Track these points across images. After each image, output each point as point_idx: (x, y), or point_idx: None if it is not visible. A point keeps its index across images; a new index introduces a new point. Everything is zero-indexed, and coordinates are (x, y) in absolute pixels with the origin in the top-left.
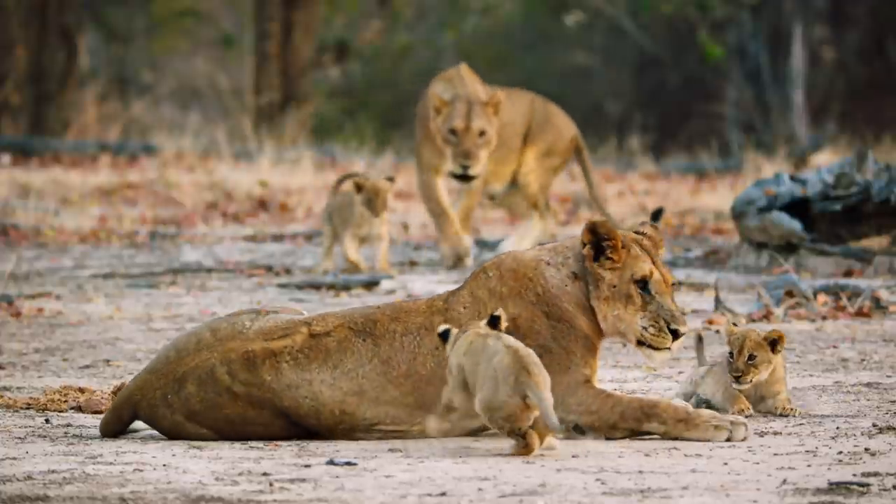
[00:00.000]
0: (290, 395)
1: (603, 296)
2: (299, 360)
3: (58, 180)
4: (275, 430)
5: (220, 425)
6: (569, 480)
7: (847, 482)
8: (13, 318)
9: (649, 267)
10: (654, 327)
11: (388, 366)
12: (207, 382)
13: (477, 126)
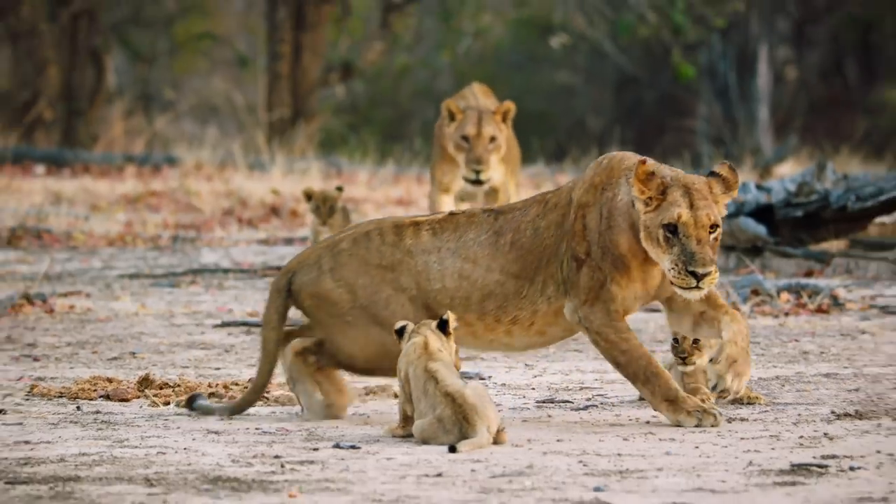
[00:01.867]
0: (422, 259)
1: (643, 235)
2: (435, 230)
3: (87, 189)
4: (401, 301)
5: (354, 283)
6: (554, 463)
7: (807, 464)
8: (47, 314)
9: (678, 211)
10: (675, 269)
11: (498, 234)
12: (360, 240)
13: (487, 133)
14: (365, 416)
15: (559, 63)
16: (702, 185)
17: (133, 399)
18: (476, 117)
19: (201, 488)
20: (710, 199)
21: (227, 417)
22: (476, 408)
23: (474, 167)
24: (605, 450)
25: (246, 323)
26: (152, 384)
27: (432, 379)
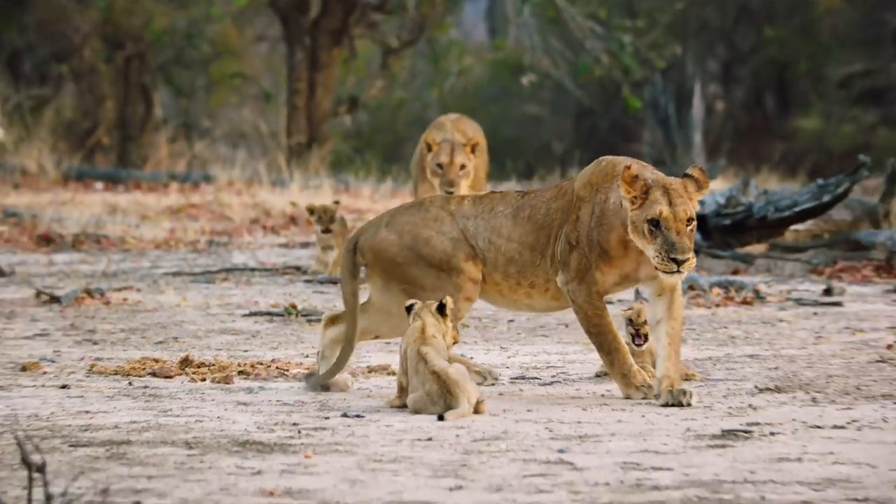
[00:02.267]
0: (462, 224)
1: (630, 228)
2: (475, 201)
3: (138, 202)
4: (442, 241)
5: (403, 230)
6: (524, 429)
7: (735, 430)
8: (104, 305)
9: (660, 208)
10: (659, 257)
11: (519, 209)
12: (414, 205)
13: (458, 161)
14: (368, 390)
15: (528, 97)
16: (678, 185)
17: (175, 376)
18: (449, 148)
19: (232, 450)
20: (686, 197)
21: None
22: (458, 383)
23: (447, 189)
24: (567, 418)
25: (269, 313)
26: (191, 364)
27: (423, 360)
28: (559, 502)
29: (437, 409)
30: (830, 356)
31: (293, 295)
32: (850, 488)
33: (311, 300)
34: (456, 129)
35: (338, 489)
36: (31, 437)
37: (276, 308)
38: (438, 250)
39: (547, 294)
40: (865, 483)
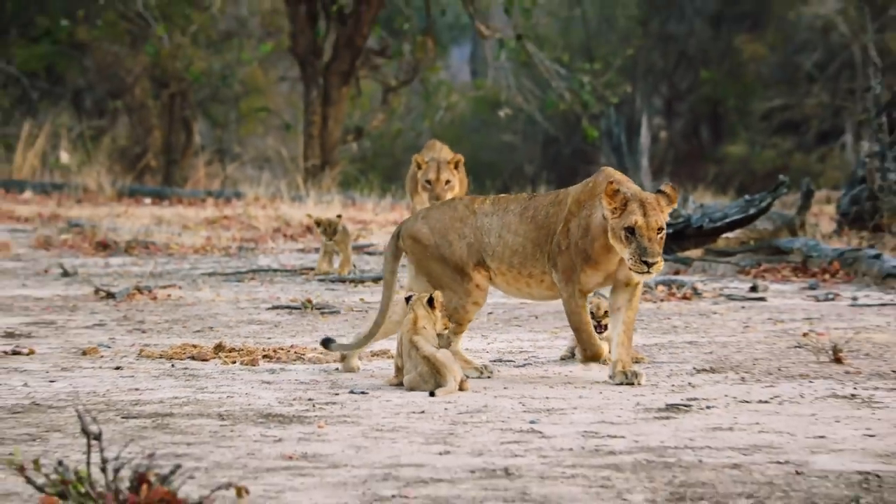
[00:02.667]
0: (481, 219)
1: (610, 234)
2: (494, 201)
3: (180, 214)
4: (461, 245)
5: (434, 226)
6: (501, 403)
7: (677, 404)
8: (151, 300)
9: (635, 218)
10: (633, 259)
11: (526, 209)
12: (447, 203)
13: (444, 177)
14: (371, 371)
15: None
16: (652, 199)
17: (210, 359)
18: (436, 166)
19: (257, 421)
20: (658, 210)
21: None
22: (446, 365)
23: (435, 202)
24: (537, 395)
25: (289, 306)
26: (224, 349)
27: (414, 347)
28: (530, 465)
29: (428, 387)
30: (756, 342)
31: (309, 291)
32: (773, 453)
33: (324, 296)
34: (442, 149)
35: (345, 454)
36: (89, 411)
37: (294, 302)
38: (456, 255)
39: (542, 284)
40: (786, 448)
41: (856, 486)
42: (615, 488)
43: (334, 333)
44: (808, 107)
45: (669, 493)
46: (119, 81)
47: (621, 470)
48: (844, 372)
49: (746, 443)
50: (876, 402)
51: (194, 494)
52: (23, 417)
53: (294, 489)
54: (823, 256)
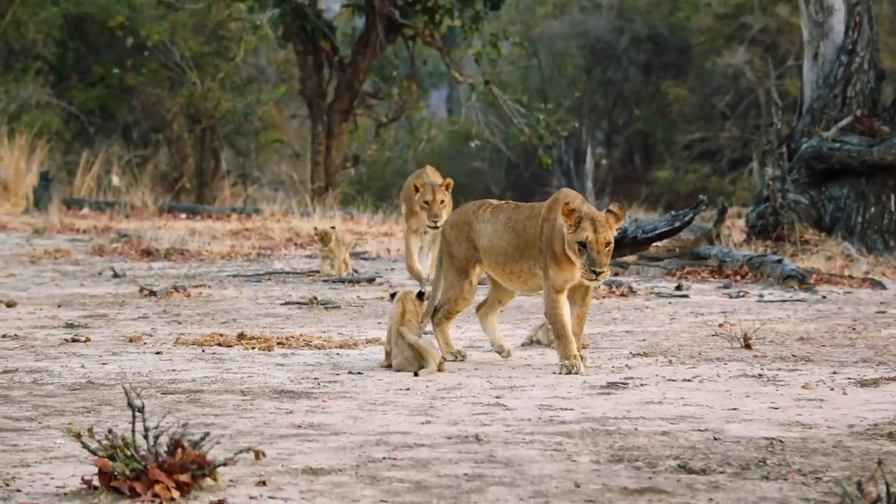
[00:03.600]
0: (481, 225)
1: (567, 246)
2: (493, 209)
3: (210, 227)
4: (465, 246)
5: (449, 230)
6: (473, 382)
7: (616, 382)
8: (186, 297)
9: (586, 234)
10: (584, 269)
11: (511, 220)
12: (463, 207)
13: (439, 198)
14: (366, 355)
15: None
16: (602, 217)
17: (234, 346)
18: (431, 189)
19: (272, 396)
20: (607, 227)
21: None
22: (427, 350)
23: (434, 219)
24: (502, 375)
25: (298, 302)
26: (245, 337)
27: (401, 336)
28: (496, 432)
29: (412, 368)
30: (680, 332)
31: (315, 290)
32: (695, 422)
33: (327, 294)
34: (433, 174)
35: (344, 423)
36: (134, 388)
37: (303, 299)
38: (462, 254)
39: (520, 279)
40: (705, 418)
41: (763, 450)
42: (566, 451)
43: (335, 325)
44: (722, 139)
45: (611, 455)
46: (160, 118)
47: (571, 436)
48: (753, 356)
49: (673, 414)
50: (779, 380)
51: (220, 457)
52: (80, 393)
53: (302, 452)
54: (735, 261)
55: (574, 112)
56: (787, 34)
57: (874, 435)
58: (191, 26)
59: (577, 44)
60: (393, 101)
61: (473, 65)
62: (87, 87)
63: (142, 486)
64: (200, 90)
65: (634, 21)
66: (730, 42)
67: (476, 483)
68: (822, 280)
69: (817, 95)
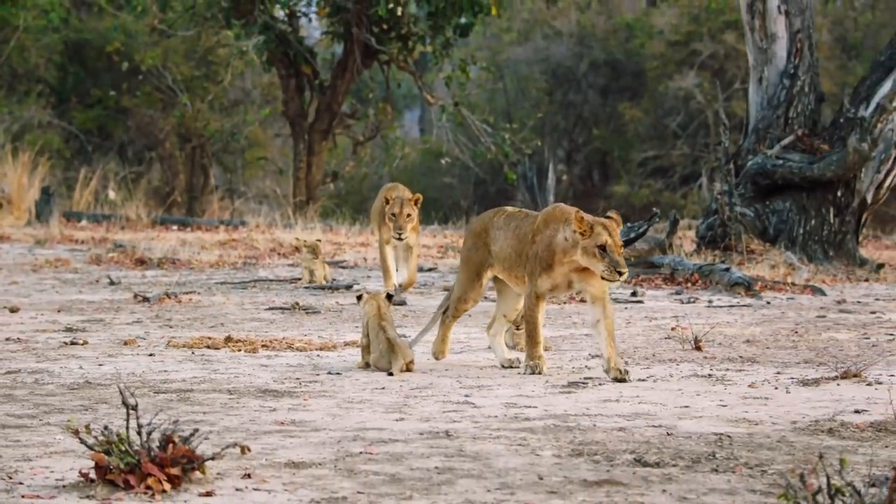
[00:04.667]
0: (494, 231)
1: (581, 252)
2: (507, 216)
3: (199, 237)
4: (481, 251)
5: (468, 236)
6: (443, 382)
7: (576, 382)
8: (177, 303)
9: (605, 238)
10: (608, 270)
11: (517, 228)
12: (482, 214)
13: (405, 212)
14: (344, 357)
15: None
16: (610, 223)
17: (222, 348)
18: (399, 203)
19: (257, 395)
20: (616, 231)
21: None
22: (402, 349)
23: (398, 232)
24: (470, 375)
25: (281, 308)
26: (232, 340)
27: (382, 330)
28: (465, 428)
29: (384, 362)
30: (636, 335)
31: (296, 296)
32: (650, 419)
33: (308, 300)
34: (404, 190)
35: (324, 420)
36: (128, 387)
37: (285, 305)
38: (476, 259)
39: (523, 284)
40: (659, 415)
41: (712, 444)
42: (530, 446)
43: (316, 329)
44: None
45: (571, 450)
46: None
47: (534, 432)
48: (703, 357)
49: (629, 411)
50: (727, 380)
51: (208, 452)
52: (78, 392)
53: (285, 447)
54: (686, 269)
55: (537, 132)
56: (733, 60)
57: (815, 431)
58: (182, 52)
59: (539, 69)
60: (369, 122)
61: (444, 88)
62: (86, 108)
63: (135, 478)
64: (191, 111)
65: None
66: (681, 67)
67: (446, 476)
68: (766, 287)
69: (762, 116)
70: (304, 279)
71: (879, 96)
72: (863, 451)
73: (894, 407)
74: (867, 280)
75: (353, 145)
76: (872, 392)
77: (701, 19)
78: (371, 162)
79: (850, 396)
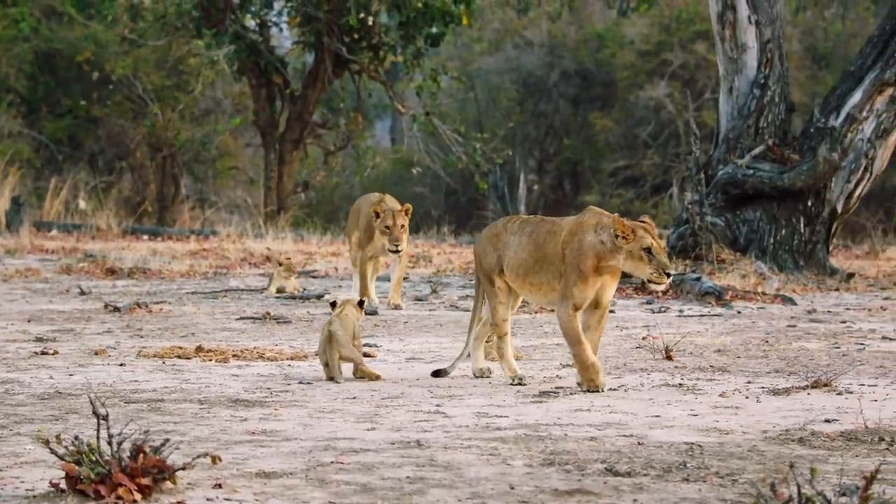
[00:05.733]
0: (508, 237)
1: (625, 257)
2: (521, 222)
3: (170, 247)
4: (492, 256)
5: (480, 241)
6: (415, 391)
7: (548, 391)
8: (148, 313)
9: (650, 240)
10: (656, 273)
11: (534, 233)
12: (493, 224)
13: (399, 223)
14: (315, 366)
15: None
16: (649, 226)
17: (192, 358)
18: (392, 215)
19: (228, 405)
20: (656, 233)
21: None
22: (340, 344)
23: (396, 244)
24: (441, 384)
25: (252, 317)
26: (203, 350)
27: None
28: (436, 438)
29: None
30: (607, 344)
31: (267, 306)
32: (621, 428)
33: (279, 309)
34: (393, 200)
35: (295, 430)
36: (99, 397)
37: (256, 314)
38: (489, 264)
39: (540, 292)
40: (630, 425)
41: (683, 454)
42: (501, 455)
43: (287, 338)
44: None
45: (542, 459)
46: (124, 147)
47: (506, 442)
48: (674, 367)
49: (600, 420)
50: (698, 389)
51: (179, 462)
52: (48, 402)
53: (256, 457)
54: None
55: (508, 141)
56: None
57: (786, 440)
58: (153, 62)
59: (510, 78)
60: (340, 131)
61: (415, 97)
62: (56, 117)
63: (106, 489)
64: (161, 121)
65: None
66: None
67: (417, 485)
68: (737, 296)
69: (732, 126)
70: (270, 290)
71: (849, 106)
72: (833, 461)
73: (864, 416)
74: (837, 289)
75: (325, 155)
76: (843, 401)
77: (671, 29)
78: (342, 171)
79: (820, 406)
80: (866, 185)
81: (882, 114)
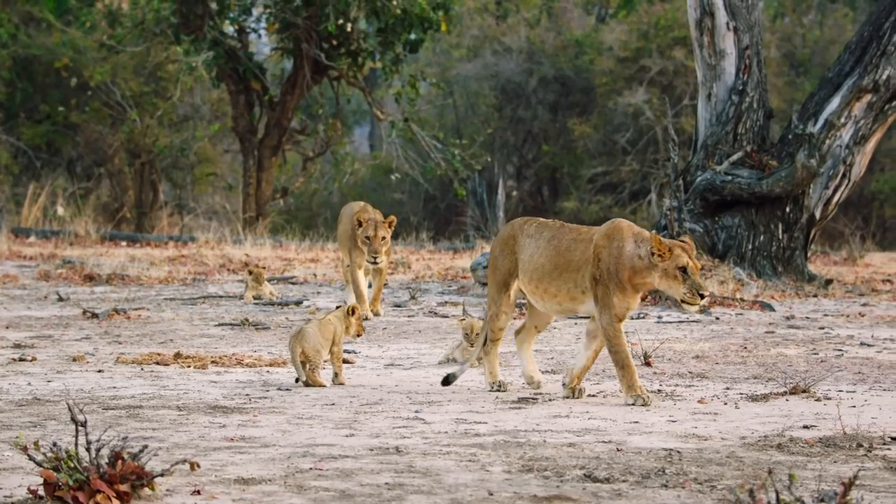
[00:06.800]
0: (524, 240)
1: (660, 275)
2: (538, 225)
3: (149, 253)
4: (506, 260)
5: (496, 244)
6: (394, 398)
7: (527, 397)
8: (126, 319)
9: (686, 260)
10: (690, 293)
11: (555, 239)
12: (509, 225)
13: (380, 235)
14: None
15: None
16: (687, 245)
17: (171, 364)
18: (374, 225)
19: (206, 411)
20: (693, 253)
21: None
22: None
23: (374, 256)
24: (420, 391)
25: (231, 324)
26: (181, 356)
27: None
28: (416, 444)
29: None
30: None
31: (246, 312)
32: (599, 434)
33: (258, 316)
34: (375, 211)
35: (274, 436)
36: (77, 404)
37: (235, 321)
38: (503, 269)
39: (555, 300)
40: (609, 431)
41: (662, 460)
42: (480, 462)
43: (265, 345)
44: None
45: (521, 465)
46: (102, 153)
47: (485, 448)
48: (653, 373)
49: (579, 427)
50: (677, 395)
51: (158, 468)
52: (26, 409)
53: (235, 464)
54: None
55: (487, 147)
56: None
57: (764, 446)
58: (131, 68)
59: (489, 84)
60: (319, 138)
61: (394, 104)
62: (35, 124)
63: (84, 495)
64: (140, 127)
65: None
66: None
67: (396, 492)
68: (715, 303)
69: (711, 132)
70: (247, 297)
71: (827, 112)
72: (812, 467)
73: (843, 422)
74: (816, 296)
75: (303, 161)
76: (821, 407)
77: (650, 36)
78: (321, 178)
79: (798, 412)
80: (844, 191)
81: (860, 120)
